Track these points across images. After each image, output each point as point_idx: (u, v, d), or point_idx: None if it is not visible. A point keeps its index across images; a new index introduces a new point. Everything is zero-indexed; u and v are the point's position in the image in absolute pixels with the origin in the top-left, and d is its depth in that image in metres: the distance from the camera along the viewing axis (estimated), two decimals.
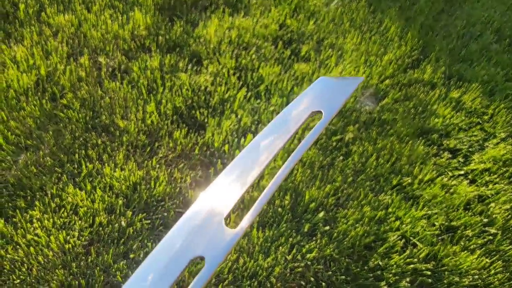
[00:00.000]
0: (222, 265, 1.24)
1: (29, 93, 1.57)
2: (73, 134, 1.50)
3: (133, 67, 1.74)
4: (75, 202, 1.33)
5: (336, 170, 1.51)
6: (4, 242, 1.24)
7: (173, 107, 1.62)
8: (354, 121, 1.68)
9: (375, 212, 1.41)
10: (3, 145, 1.42)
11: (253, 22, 2.07)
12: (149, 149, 1.49)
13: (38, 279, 1.19)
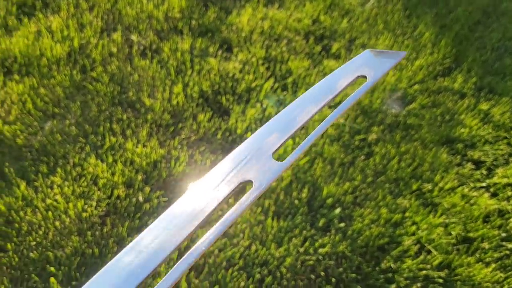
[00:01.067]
0: (234, 249, 1.24)
1: (61, 63, 1.59)
2: (99, 107, 1.52)
3: (164, 48, 1.75)
4: (95, 173, 1.35)
5: (356, 169, 1.50)
6: (24, 204, 1.27)
7: (199, 90, 1.63)
8: (379, 123, 1.67)
9: (392, 215, 1.40)
10: (32, 110, 1.45)
11: (286, 15, 2.06)
12: (173, 129, 1.50)
13: (53, 244, 1.21)
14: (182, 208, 0.30)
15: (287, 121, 0.35)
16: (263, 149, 0.33)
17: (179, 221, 0.29)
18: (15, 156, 1.37)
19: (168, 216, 0.29)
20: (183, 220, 0.29)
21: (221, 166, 0.32)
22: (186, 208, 0.30)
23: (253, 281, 1.20)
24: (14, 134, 1.40)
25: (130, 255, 0.28)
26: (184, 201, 0.30)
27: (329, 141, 1.55)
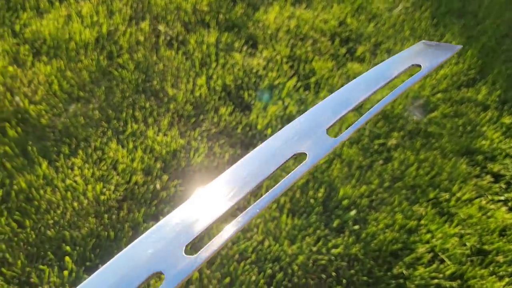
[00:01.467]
0: (247, 242, 1.25)
1: (88, 48, 1.62)
2: (123, 93, 1.53)
3: (190, 40, 1.76)
4: (115, 158, 1.37)
5: (374, 172, 1.49)
6: (44, 183, 1.29)
7: (222, 84, 1.64)
8: (400, 128, 1.66)
9: (407, 221, 1.39)
10: (57, 92, 1.47)
11: (313, 15, 2.07)
12: (194, 121, 1.52)
13: (70, 224, 1.23)
14: (238, 171, 0.32)
15: (341, 101, 0.37)
16: (318, 124, 0.34)
17: (234, 185, 0.31)
18: (39, 136, 1.39)
19: (224, 178, 0.31)
20: (239, 183, 0.31)
21: (278, 136, 0.34)
22: (241, 172, 0.32)
23: (264, 276, 1.21)
24: (39, 114, 1.43)
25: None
26: (240, 165, 0.32)
27: (348, 143, 1.55)
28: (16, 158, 1.32)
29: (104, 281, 0.27)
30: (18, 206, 1.23)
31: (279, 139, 0.34)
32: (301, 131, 0.34)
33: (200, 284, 1.18)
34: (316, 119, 0.34)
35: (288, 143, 0.33)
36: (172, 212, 0.30)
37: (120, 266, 0.27)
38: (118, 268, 0.27)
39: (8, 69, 1.51)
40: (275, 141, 0.34)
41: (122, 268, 0.27)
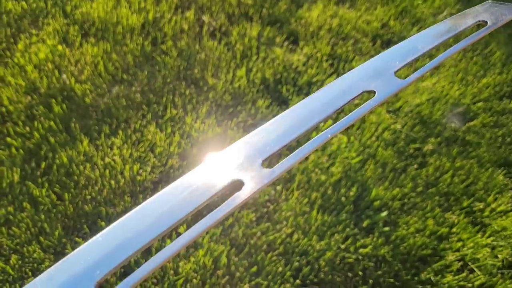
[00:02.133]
0: (276, 234, 1.26)
1: (134, 32, 1.66)
2: (164, 79, 1.57)
3: (233, 31, 1.78)
4: (154, 140, 1.40)
5: (407, 176, 1.48)
6: (84, 159, 1.33)
7: (262, 77, 1.65)
8: (437, 135, 1.64)
9: (438, 228, 1.37)
10: (102, 73, 1.52)
11: (356, 15, 2.06)
12: (231, 111, 1.54)
13: (106, 201, 1.27)
14: (311, 102, 0.35)
15: (410, 48, 0.39)
16: (387, 67, 0.36)
17: (308, 113, 0.34)
18: (82, 114, 1.44)
19: (298, 107, 0.34)
20: (312, 112, 0.34)
21: (347, 76, 0.36)
22: (314, 104, 0.35)
23: (290, 268, 1.21)
24: (84, 93, 1.47)
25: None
26: (313, 98, 0.35)
27: (383, 145, 1.54)
28: (60, 133, 1.37)
29: (189, 185, 0.30)
30: (58, 179, 1.28)
31: (349, 78, 0.36)
32: (370, 72, 0.36)
33: (227, 270, 1.20)
34: (385, 63, 0.37)
35: (357, 81, 0.35)
36: (253, 131, 0.33)
37: (204, 173, 0.30)
38: (202, 174, 0.30)
39: (58, 47, 1.56)
40: (344, 80, 0.36)
41: (205, 175, 0.30)
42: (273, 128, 0.33)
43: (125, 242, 0.27)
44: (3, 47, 1.57)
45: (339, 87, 0.35)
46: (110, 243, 0.27)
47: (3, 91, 1.43)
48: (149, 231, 0.27)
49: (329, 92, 0.35)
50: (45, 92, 1.45)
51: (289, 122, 0.33)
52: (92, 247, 0.27)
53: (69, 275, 0.26)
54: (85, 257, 0.26)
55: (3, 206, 1.21)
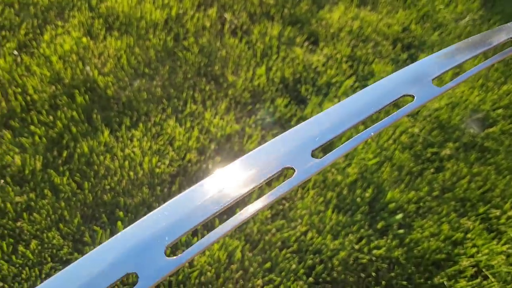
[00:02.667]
0: (291, 231, 1.27)
1: (157, 28, 1.68)
2: (185, 75, 1.59)
3: (254, 30, 1.80)
4: (173, 134, 1.42)
5: (424, 180, 1.48)
6: (104, 150, 1.35)
7: (281, 76, 1.66)
8: (455, 140, 1.63)
9: (453, 233, 1.37)
10: (125, 66, 1.54)
11: (377, 18, 2.06)
12: (250, 108, 1.55)
13: (124, 191, 1.29)
14: (352, 102, 0.37)
15: (451, 56, 0.40)
16: (425, 74, 0.38)
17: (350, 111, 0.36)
18: (103, 106, 1.47)
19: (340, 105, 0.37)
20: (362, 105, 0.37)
21: (387, 79, 0.38)
22: (362, 101, 0.37)
23: (304, 266, 1.22)
24: (106, 85, 1.50)
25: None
26: (353, 99, 0.38)
27: (400, 148, 1.54)
28: (82, 123, 1.39)
29: (247, 166, 0.32)
30: (79, 168, 1.31)
31: (390, 81, 0.38)
32: (410, 77, 0.38)
33: (241, 265, 1.21)
34: (424, 70, 0.38)
35: (397, 85, 0.37)
36: (303, 122, 0.35)
37: (256, 158, 0.32)
38: (256, 158, 0.32)
39: (82, 40, 1.59)
40: (386, 82, 0.38)
41: (257, 160, 0.32)
42: (322, 120, 0.36)
43: (192, 212, 0.29)
44: (29, 37, 1.60)
45: (382, 89, 0.37)
46: (179, 211, 0.30)
47: (29, 80, 1.46)
48: (212, 205, 0.30)
49: (372, 93, 0.37)
50: (68, 83, 1.48)
51: (337, 117, 0.36)
52: (161, 215, 0.29)
53: (141, 239, 0.28)
54: (154, 224, 0.29)
55: (25, 192, 1.24)
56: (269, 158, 0.32)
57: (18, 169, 1.27)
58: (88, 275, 0.27)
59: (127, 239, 0.28)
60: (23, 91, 1.44)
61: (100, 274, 0.27)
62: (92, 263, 0.28)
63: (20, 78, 1.47)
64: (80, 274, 0.27)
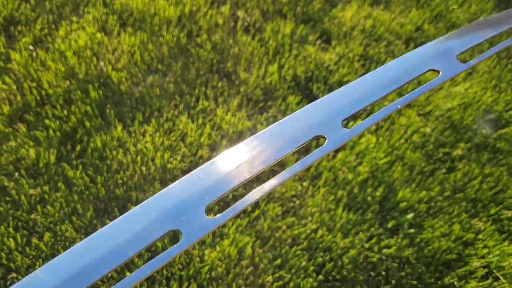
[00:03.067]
0: (301, 229, 1.27)
1: (171, 24, 1.69)
2: (198, 71, 1.59)
3: (267, 28, 1.80)
4: (185, 130, 1.43)
5: (435, 180, 1.47)
6: (117, 144, 1.37)
7: (293, 74, 1.66)
8: (467, 140, 1.62)
9: (464, 233, 1.36)
10: (138, 62, 1.55)
11: (390, 17, 2.05)
12: (262, 105, 1.55)
13: (137, 186, 1.30)
14: (386, 71, 0.39)
15: (475, 32, 0.41)
16: (449, 50, 0.39)
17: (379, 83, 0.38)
18: (117, 101, 1.48)
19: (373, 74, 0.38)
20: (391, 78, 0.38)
21: (416, 52, 0.40)
22: (389, 73, 0.38)
23: (314, 264, 1.23)
24: (120, 81, 1.51)
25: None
26: (380, 71, 0.39)
27: (412, 147, 1.53)
28: (95, 118, 1.41)
29: (279, 133, 0.33)
30: (92, 162, 1.32)
31: (416, 55, 0.39)
32: (436, 52, 0.39)
33: (251, 261, 1.22)
34: (448, 46, 0.39)
35: (424, 60, 0.39)
36: (333, 92, 0.36)
37: (288, 125, 0.34)
38: (288, 126, 0.34)
39: (96, 35, 1.61)
40: (413, 56, 0.39)
41: (289, 127, 0.34)
42: (351, 91, 0.37)
43: (228, 175, 0.31)
44: (45, 32, 1.62)
45: (408, 63, 0.38)
46: (218, 172, 0.31)
47: (44, 75, 1.48)
48: (247, 170, 0.31)
49: (399, 66, 0.38)
50: (83, 78, 1.50)
51: (366, 88, 0.37)
52: (198, 177, 0.31)
53: (182, 199, 0.30)
54: (194, 185, 0.30)
55: (39, 185, 1.25)
56: (301, 126, 0.33)
57: (32, 162, 1.29)
58: (133, 231, 0.29)
59: (169, 197, 0.30)
60: (38, 85, 1.46)
61: (144, 230, 0.28)
62: (136, 219, 0.29)
63: (35, 72, 1.48)
64: (125, 229, 0.29)
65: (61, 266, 0.28)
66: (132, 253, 0.28)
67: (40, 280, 0.28)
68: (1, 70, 1.48)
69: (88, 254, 0.28)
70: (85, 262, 0.27)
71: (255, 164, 0.31)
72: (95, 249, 0.28)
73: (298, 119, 0.34)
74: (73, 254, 0.29)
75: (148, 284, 1.14)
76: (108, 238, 0.29)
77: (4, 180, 1.24)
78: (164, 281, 1.14)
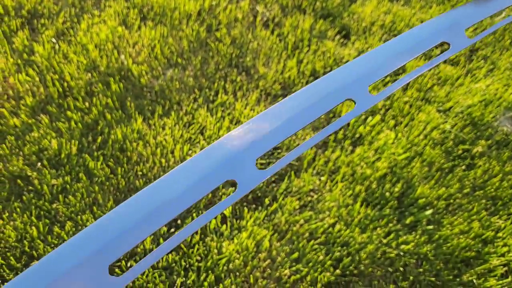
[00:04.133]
0: (319, 223, 1.28)
1: (190, 19, 1.70)
2: (217, 65, 1.60)
3: (286, 23, 1.80)
4: (204, 124, 1.44)
5: (454, 177, 1.46)
6: (137, 137, 1.38)
7: (312, 68, 1.66)
8: (487, 137, 1.60)
9: (484, 231, 1.35)
10: (158, 56, 1.57)
11: (410, 13, 2.03)
12: (280, 100, 1.55)
13: (156, 178, 1.32)
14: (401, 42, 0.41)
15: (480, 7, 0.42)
16: (459, 23, 0.40)
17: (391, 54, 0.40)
18: (137, 94, 1.49)
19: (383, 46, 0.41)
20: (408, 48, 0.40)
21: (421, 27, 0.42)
22: (405, 44, 0.41)
23: (331, 258, 1.23)
24: (140, 74, 1.53)
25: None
26: (392, 42, 0.41)
27: (432, 144, 1.52)
28: (116, 111, 1.42)
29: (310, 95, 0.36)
30: (112, 154, 1.34)
31: (423, 30, 0.41)
32: (444, 26, 0.41)
33: (268, 254, 1.22)
34: (458, 18, 0.41)
35: (432, 34, 0.41)
36: (357, 58, 0.39)
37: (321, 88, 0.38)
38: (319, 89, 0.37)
39: (118, 29, 1.63)
40: (426, 27, 0.41)
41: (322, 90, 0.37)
42: (374, 57, 0.38)
43: (274, 131, 0.35)
44: (67, 26, 1.64)
45: (423, 32, 0.41)
46: (264, 128, 0.35)
47: (66, 67, 1.50)
48: (288, 127, 0.36)
49: (414, 36, 0.41)
50: (104, 71, 1.51)
51: (387, 55, 0.38)
52: (244, 132, 0.34)
53: (234, 152, 0.33)
54: (242, 139, 0.34)
55: (60, 175, 1.28)
56: (332, 88, 0.37)
57: (54, 152, 1.31)
58: (191, 180, 0.31)
59: (222, 149, 0.33)
60: (60, 77, 1.48)
61: (202, 180, 0.30)
62: (194, 169, 0.31)
63: (57, 65, 1.51)
64: (184, 178, 0.31)
65: (132, 208, 0.31)
66: (195, 199, 0.30)
67: (119, 214, 0.30)
68: (25, 62, 1.51)
69: (152, 200, 0.30)
70: (151, 208, 0.29)
71: (295, 122, 0.35)
72: (161, 194, 0.30)
73: (330, 80, 0.37)
74: (139, 199, 0.30)
75: (167, 274, 1.15)
76: (168, 185, 0.31)
77: (27, 170, 1.27)
78: (182, 272, 1.16)
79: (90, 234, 0.30)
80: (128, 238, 0.29)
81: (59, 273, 0.29)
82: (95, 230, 0.30)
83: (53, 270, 0.29)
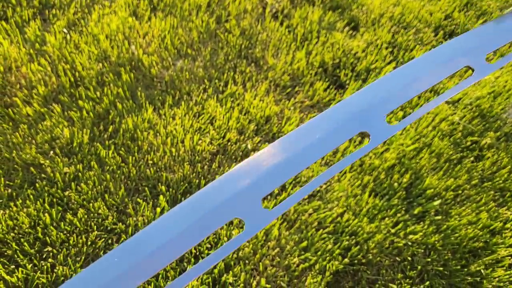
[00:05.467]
0: (327, 212, 1.29)
1: (200, 10, 1.71)
2: (226, 56, 1.61)
3: (295, 14, 1.80)
4: (213, 114, 1.45)
5: (463, 168, 1.46)
6: (148, 126, 1.40)
7: (321, 60, 1.66)
8: (496, 129, 1.60)
9: (492, 222, 1.36)
10: (169, 46, 1.58)
11: (419, 5, 2.03)
12: (289, 91, 1.56)
13: (166, 167, 1.33)
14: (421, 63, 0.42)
15: (503, 30, 0.42)
16: (479, 48, 0.40)
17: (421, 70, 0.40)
18: (147, 84, 1.51)
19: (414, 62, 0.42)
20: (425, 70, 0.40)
21: (449, 45, 0.42)
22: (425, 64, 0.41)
23: (339, 247, 1.24)
24: (150, 64, 1.54)
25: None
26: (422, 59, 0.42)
27: (440, 135, 1.52)
28: (127, 100, 1.44)
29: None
30: (123, 143, 1.35)
31: (451, 48, 0.42)
32: (468, 47, 0.42)
33: (277, 243, 1.23)
34: (479, 42, 0.41)
35: (454, 56, 0.41)
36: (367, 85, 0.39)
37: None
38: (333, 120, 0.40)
39: (128, 20, 1.64)
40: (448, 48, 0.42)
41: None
42: (392, 83, 0.38)
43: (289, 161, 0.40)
44: (78, 16, 1.66)
45: (445, 55, 0.41)
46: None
47: (77, 57, 1.51)
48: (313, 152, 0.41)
49: (436, 58, 0.41)
50: (115, 61, 1.53)
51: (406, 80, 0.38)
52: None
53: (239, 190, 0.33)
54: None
55: (73, 163, 1.29)
56: (345, 121, 0.39)
57: (66, 141, 1.33)
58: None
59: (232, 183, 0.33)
60: (72, 67, 1.50)
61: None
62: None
63: (69, 55, 1.52)
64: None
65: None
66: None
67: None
68: (37, 52, 1.52)
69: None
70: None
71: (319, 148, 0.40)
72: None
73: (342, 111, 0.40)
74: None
75: (177, 261, 1.17)
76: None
77: (40, 158, 1.28)
78: (192, 260, 1.17)
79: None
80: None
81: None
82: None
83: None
